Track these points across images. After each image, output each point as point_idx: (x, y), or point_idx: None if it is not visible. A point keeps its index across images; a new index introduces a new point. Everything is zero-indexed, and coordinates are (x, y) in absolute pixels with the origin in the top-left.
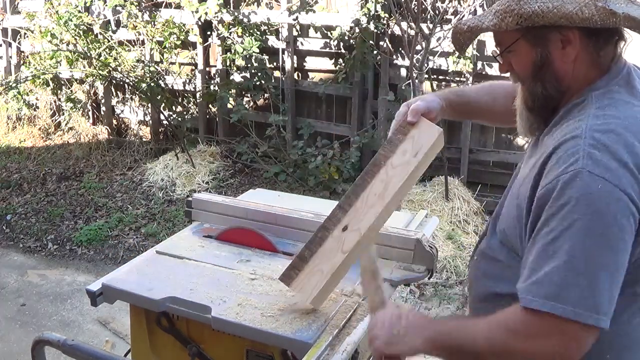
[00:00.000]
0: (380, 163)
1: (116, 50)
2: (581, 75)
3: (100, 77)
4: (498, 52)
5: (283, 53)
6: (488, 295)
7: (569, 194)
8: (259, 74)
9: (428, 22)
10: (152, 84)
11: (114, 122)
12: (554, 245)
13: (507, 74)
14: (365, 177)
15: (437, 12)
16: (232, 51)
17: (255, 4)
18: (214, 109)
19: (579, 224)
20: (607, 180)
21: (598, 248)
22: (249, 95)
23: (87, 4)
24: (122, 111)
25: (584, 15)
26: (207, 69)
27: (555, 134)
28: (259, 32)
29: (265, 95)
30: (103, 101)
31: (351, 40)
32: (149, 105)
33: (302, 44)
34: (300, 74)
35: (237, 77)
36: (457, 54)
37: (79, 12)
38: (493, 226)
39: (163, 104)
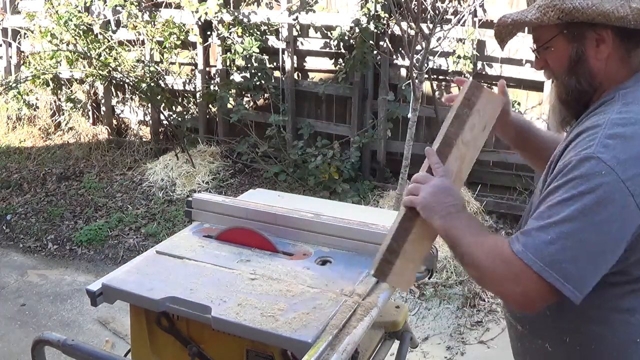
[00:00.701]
0: (452, 142)
1: (116, 50)
2: (612, 73)
3: (100, 77)
4: (535, 48)
5: (283, 53)
6: None
7: (576, 173)
8: (259, 74)
9: (428, 22)
10: (152, 84)
11: (114, 122)
12: (554, 209)
13: (542, 70)
14: (440, 158)
15: (437, 12)
16: (232, 51)
17: (255, 4)
18: (214, 109)
19: (578, 199)
20: (612, 169)
21: (588, 226)
22: (249, 95)
23: (87, 4)
24: (122, 111)
25: (619, 14)
26: (207, 69)
27: (581, 126)
28: (259, 32)
29: (265, 95)
30: (103, 101)
31: (351, 40)
32: (149, 105)
33: (302, 44)
34: (300, 74)
35: (237, 77)
36: (457, 54)
37: (79, 12)
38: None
39: (163, 104)
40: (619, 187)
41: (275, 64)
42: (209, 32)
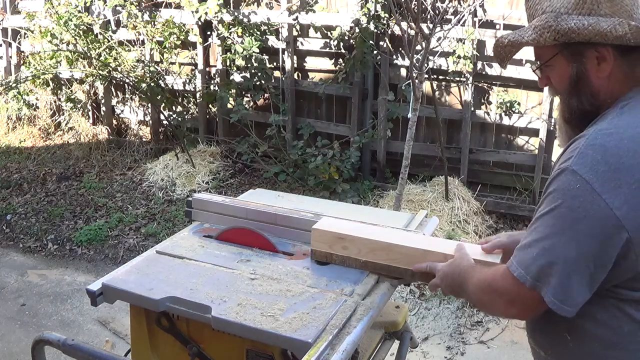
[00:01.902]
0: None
1: (116, 50)
2: (615, 90)
3: (100, 77)
4: (537, 66)
5: (283, 53)
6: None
7: (554, 186)
8: (259, 74)
9: (428, 22)
10: (152, 84)
11: (114, 122)
12: (536, 224)
13: (546, 87)
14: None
15: (437, 12)
16: (232, 51)
17: (255, 4)
18: (214, 109)
19: (555, 214)
20: (588, 182)
21: (566, 241)
22: (249, 95)
23: (87, 4)
24: (122, 111)
25: (617, 33)
26: (207, 69)
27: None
28: (259, 32)
29: (265, 95)
30: (103, 101)
31: (351, 40)
32: (149, 105)
33: (302, 44)
34: (300, 74)
35: (237, 77)
36: (457, 54)
37: (79, 12)
38: None
39: (163, 104)
40: (595, 200)
41: (275, 64)
42: (209, 32)
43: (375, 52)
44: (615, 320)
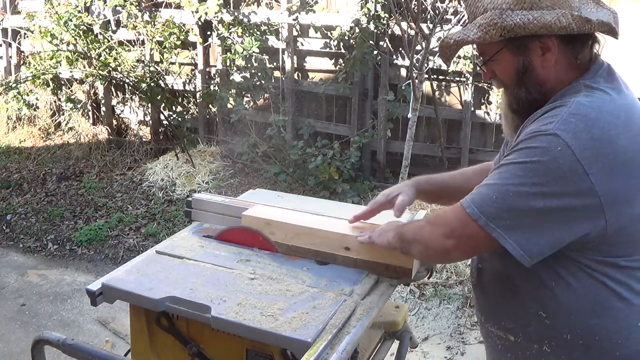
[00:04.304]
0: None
1: (116, 50)
2: (562, 77)
3: (100, 77)
4: (482, 61)
5: (283, 53)
6: (514, 292)
7: (532, 144)
8: (259, 74)
9: (428, 22)
10: (152, 84)
11: (114, 122)
12: (502, 169)
13: (491, 80)
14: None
15: (437, 12)
16: (232, 51)
17: (255, 4)
18: (214, 109)
19: (528, 166)
20: (569, 146)
21: (534, 195)
22: (249, 95)
23: (87, 4)
24: (122, 111)
25: (561, 24)
26: (207, 69)
27: (533, 123)
28: (259, 32)
29: (265, 95)
30: (103, 101)
31: (351, 40)
32: (149, 105)
33: (302, 44)
34: (300, 74)
35: (237, 77)
36: (456, 54)
37: (79, 12)
38: None
39: (163, 104)
40: (573, 165)
41: (275, 64)
42: (209, 32)
43: (375, 52)
44: (590, 288)
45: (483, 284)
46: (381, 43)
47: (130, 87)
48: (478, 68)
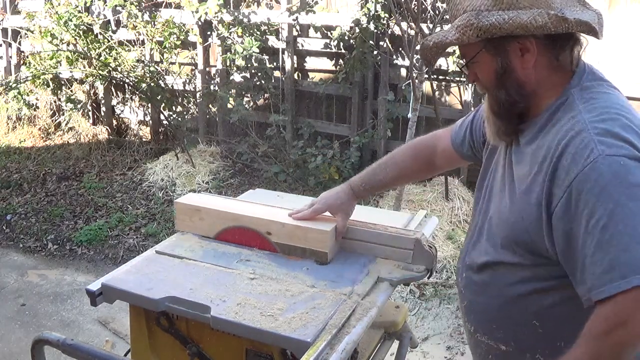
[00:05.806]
0: None
1: (116, 50)
2: (543, 79)
3: (100, 77)
4: (464, 64)
5: (283, 53)
6: (507, 300)
7: (599, 181)
8: (259, 74)
9: (428, 22)
10: (152, 84)
11: (114, 122)
12: (608, 233)
13: (474, 83)
14: None
15: (437, 12)
16: (232, 51)
17: (255, 4)
18: (214, 109)
19: (621, 202)
20: (625, 155)
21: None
22: (249, 95)
23: (87, 4)
24: (122, 111)
25: (537, 23)
26: (207, 69)
27: (551, 135)
28: (259, 32)
29: (265, 95)
30: (103, 101)
31: (351, 40)
32: (149, 105)
33: (302, 45)
34: (300, 74)
35: (237, 77)
36: (457, 53)
37: (79, 12)
38: (481, 235)
39: (163, 104)
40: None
41: (275, 64)
42: (209, 32)
43: (375, 52)
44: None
45: (473, 293)
46: (381, 43)
47: (130, 87)
48: (461, 70)
